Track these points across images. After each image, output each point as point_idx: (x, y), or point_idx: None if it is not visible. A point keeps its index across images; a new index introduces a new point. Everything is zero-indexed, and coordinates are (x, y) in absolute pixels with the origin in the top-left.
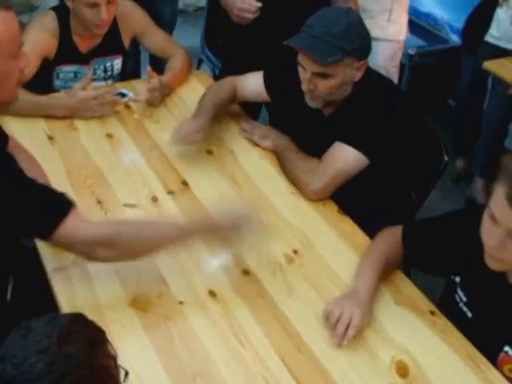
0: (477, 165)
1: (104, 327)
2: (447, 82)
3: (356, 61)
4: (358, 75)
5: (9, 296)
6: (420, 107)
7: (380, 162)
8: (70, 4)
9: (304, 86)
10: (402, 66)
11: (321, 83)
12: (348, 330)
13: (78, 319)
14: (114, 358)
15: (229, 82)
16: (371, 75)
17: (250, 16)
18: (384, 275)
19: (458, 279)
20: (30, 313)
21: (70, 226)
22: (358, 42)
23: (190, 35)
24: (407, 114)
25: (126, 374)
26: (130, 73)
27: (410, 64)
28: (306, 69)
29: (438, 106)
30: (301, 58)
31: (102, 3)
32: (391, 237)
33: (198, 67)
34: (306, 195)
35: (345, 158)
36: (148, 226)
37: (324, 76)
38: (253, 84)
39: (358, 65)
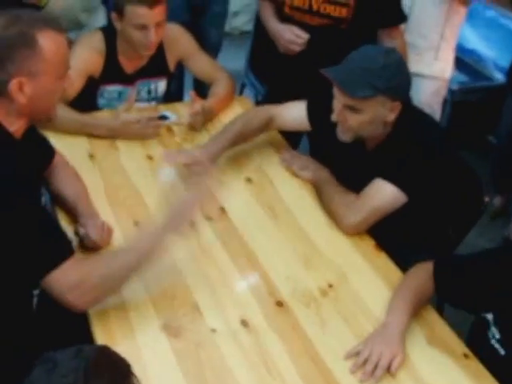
0: None
1: (135, 351)
2: (488, 119)
3: (389, 101)
4: (392, 116)
5: (34, 308)
6: (459, 143)
7: (419, 200)
8: (118, 25)
9: (334, 117)
10: (443, 100)
11: (350, 117)
12: (376, 370)
13: (105, 352)
14: None
15: (264, 110)
16: (414, 113)
17: (297, 48)
18: (416, 311)
19: (490, 316)
20: (56, 325)
21: (54, 284)
22: (394, 82)
23: (235, 58)
24: (448, 153)
25: None
26: (173, 94)
27: (452, 99)
28: (338, 100)
29: (478, 142)
30: (334, 89)
31: (151, 25)
32: (423, 272)
33: (241, 92)
34: (342, 229)
35: (383, 194)
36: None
37: (354, 110)
38: (294, 113)
39: (392, 105)
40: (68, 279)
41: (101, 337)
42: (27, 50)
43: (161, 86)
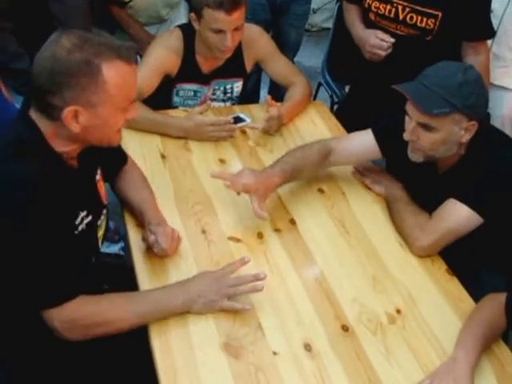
0: None
1: (193, 368)
2: None
3: (466, 120)
4: (467, 136)
5: None
6: None
7: (495, 222)
8: (196, 25)
9: (406, 135)
10: None
11: (423, 135)
12: None
13: None
14: None
15: (321, 145)
16: (491, 132)
17: (383, 53)
18: (487, 346)
19: None
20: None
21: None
22: (472, 100)
23: (311, 56)
24: None
25: None
26: (248, 94)
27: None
28: (411, 117)
29: None
30: (408, 106)
31: (228, 30)
32: (496, 304)
33: (317, 91)
34: (413, 250)
35: (458, 216)
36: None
37: (427, 128)
38: (361, 143)
39: (468, 125)
40: (62, 316)
41: (159, 352)
42: (89, 80)
43: (237, 86)
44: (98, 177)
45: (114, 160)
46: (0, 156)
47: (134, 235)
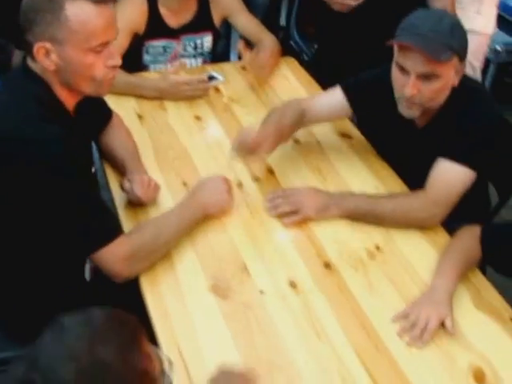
0: None
1: (184, 312)
2: None
3: (458, 62)
4: (456, 80)
5: (88, 276)
6: (504, 104)
7: (484, 175)
8: None
9: (407, 91)
10: (487, 61)
11: (424, 87)
12: (424, 335)
13: (115, 318)
14: (151, 355)
15: (295, 105)
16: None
17: (353, 2)
18: (463, 274)
19: None
20: (110, 292)
21: (106, 256)
22: (464, 41)
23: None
24: (501, 116)
25: (170, 363)
26: (220, 55)
27: (496, 60)
28: (408, 71)
29: None
30: (405, 60)
31: None
32: (470, 236)
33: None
34: (431, 226)
35: (462, 181)
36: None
37: (429, 78)
38: (330, 101)
39: (459, 67)
40: (120, 253)
41: (151, 300)
42: (52, 15)
43: (207, 41)
44: None
45: (101, 116)
46: (24, 117)
47: (116, 188)
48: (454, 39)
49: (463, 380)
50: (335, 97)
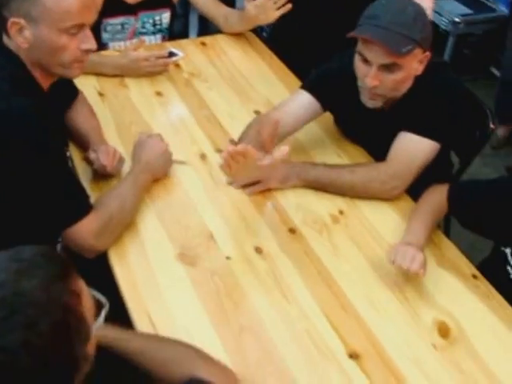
0: None
1: (153, 280)
2: (491, 51)
3: (421, 52)
4: (420, 68)
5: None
6: (463, 75)
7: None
8: None
9: (369, 82)
10: (446, 33)
11: (386, 78)
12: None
13: (43, 254)
14: (80, 293)
15: (263, 121)
16: None
17: None
18: (432, 232)
19: (508, 250)
20: (79, 262)
21: (79, 232)
22: (426, 32)
23: None
24: (460, 87)
25: (103, 305)
26: (178, 34)
27: (455, 31)
28: (370, 62)
29: (481, 74)
30: (366, 51)
31: None
32: (439, 194)
33: None
34: (390, 198)
35: (424, 151)
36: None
37: (391, 69)
38: (300, 105)
39: (422, 57)
40: (91, 228)
41: (119, 270)
42: None
43: (165, 17)
44: None
45: (68, 93)
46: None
47: (80, 166)
48: (417, 30)
49: (428, 335)
50: (303, 100)
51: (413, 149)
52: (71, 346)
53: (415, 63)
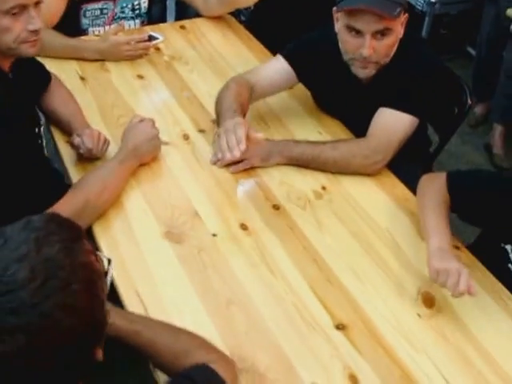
0: (495, 111)
1: (140, 258)
2: (467, 30)
3: (403, 14)
4: (402, 32)
5: None
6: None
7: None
8: None
9: (364, 52)
10: (422, 13)
11: (379, 44)
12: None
13: (53, 220)
14: (94, 252)
15: (244, 82)
16: None
17: None
18: (448, 222)
19: (509, 247)
20: None
21: (61, 208)
22: None
23: None
24: (438, 63)
25: (109, 261)
26: (156, 19)
27: (432, 12)
28: (362, 32)
29: (457, 53)
30: (357, 22)
31: None
32: (438, 185)
33: None
34: (372, 173)
35: (404, 126)
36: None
37: (383, 34)
38: (275, 71)
39: (403, 19)
40: (66, 210)
41: (106, 248)
42: None
43: (144, 2)
44: None
45: (39, 79)
46: None
47: (65, 150)
48: None
49: (413, 305)
50: (279, 66)
51: (392, 123)
52: (102, 302)
53: (400, 26)
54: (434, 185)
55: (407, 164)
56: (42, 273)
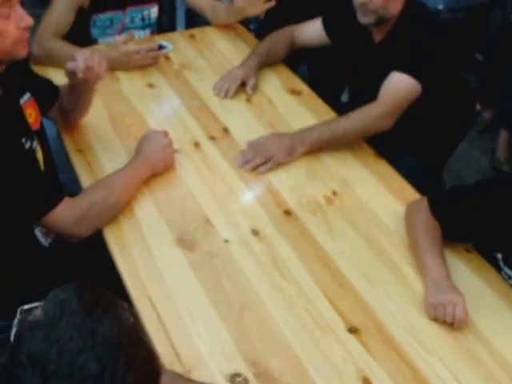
0: (502, 117)
1: (153, 266)
2: (474, 37)
3: None
4: None
5: (44, 241)
6: None
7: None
8: None
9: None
10: None
11: None
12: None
13: (85, 293)
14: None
15: (288, 30)
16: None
17: None
18: (442, 251)
19: (500, 256)
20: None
21: (54, 221)
22: None
23: None
24: (448, 42)
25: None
26: (166, 29)
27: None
28: None
29: (465, 59)
30: None
31: None
32: (425, 215)
33: None
34: (380, 128)
35: (405, 87)
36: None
37: None
38: (313, 29)
39: None
40: (68, 216)
41: (119, 256)
42: None
43: (153, 12)
44: (22, 101)
45: (49, 95)
46: None
47: (76, 159)
48: None
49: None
50: (317, 26)
51: (394, 82)
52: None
53: None
54: (419, 216)
55: (409, 157)
56: (108, 357)
